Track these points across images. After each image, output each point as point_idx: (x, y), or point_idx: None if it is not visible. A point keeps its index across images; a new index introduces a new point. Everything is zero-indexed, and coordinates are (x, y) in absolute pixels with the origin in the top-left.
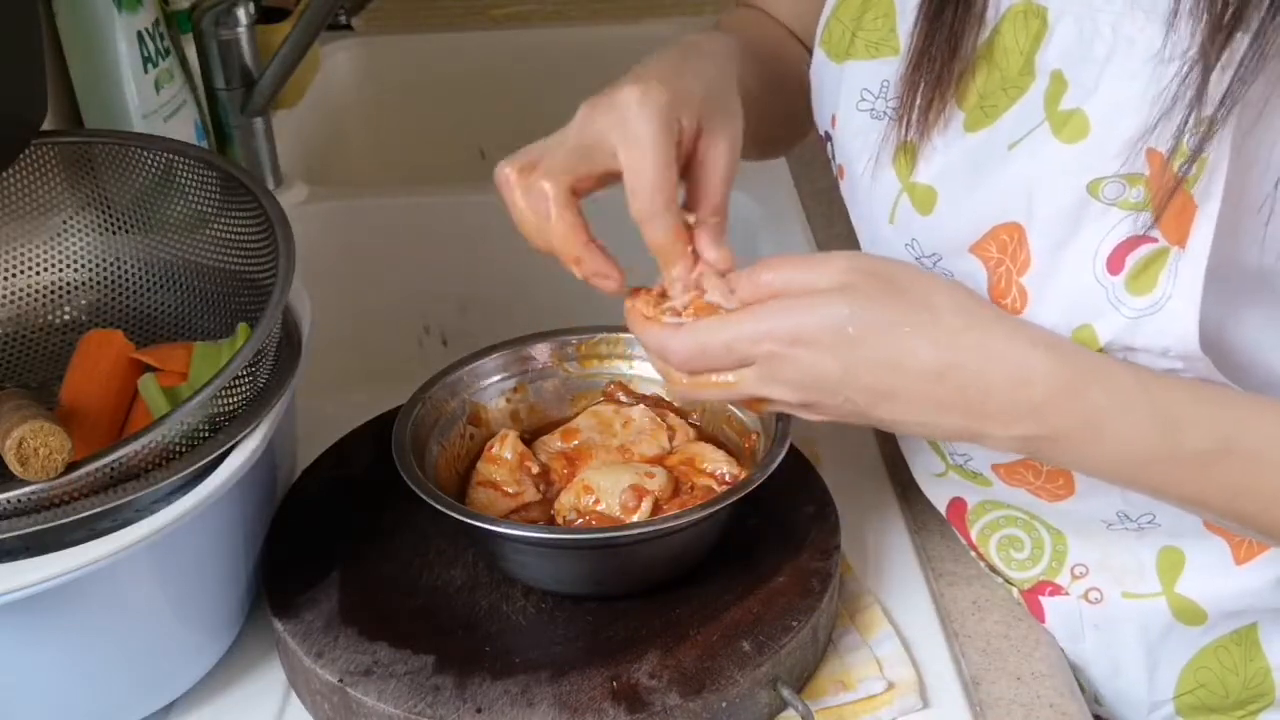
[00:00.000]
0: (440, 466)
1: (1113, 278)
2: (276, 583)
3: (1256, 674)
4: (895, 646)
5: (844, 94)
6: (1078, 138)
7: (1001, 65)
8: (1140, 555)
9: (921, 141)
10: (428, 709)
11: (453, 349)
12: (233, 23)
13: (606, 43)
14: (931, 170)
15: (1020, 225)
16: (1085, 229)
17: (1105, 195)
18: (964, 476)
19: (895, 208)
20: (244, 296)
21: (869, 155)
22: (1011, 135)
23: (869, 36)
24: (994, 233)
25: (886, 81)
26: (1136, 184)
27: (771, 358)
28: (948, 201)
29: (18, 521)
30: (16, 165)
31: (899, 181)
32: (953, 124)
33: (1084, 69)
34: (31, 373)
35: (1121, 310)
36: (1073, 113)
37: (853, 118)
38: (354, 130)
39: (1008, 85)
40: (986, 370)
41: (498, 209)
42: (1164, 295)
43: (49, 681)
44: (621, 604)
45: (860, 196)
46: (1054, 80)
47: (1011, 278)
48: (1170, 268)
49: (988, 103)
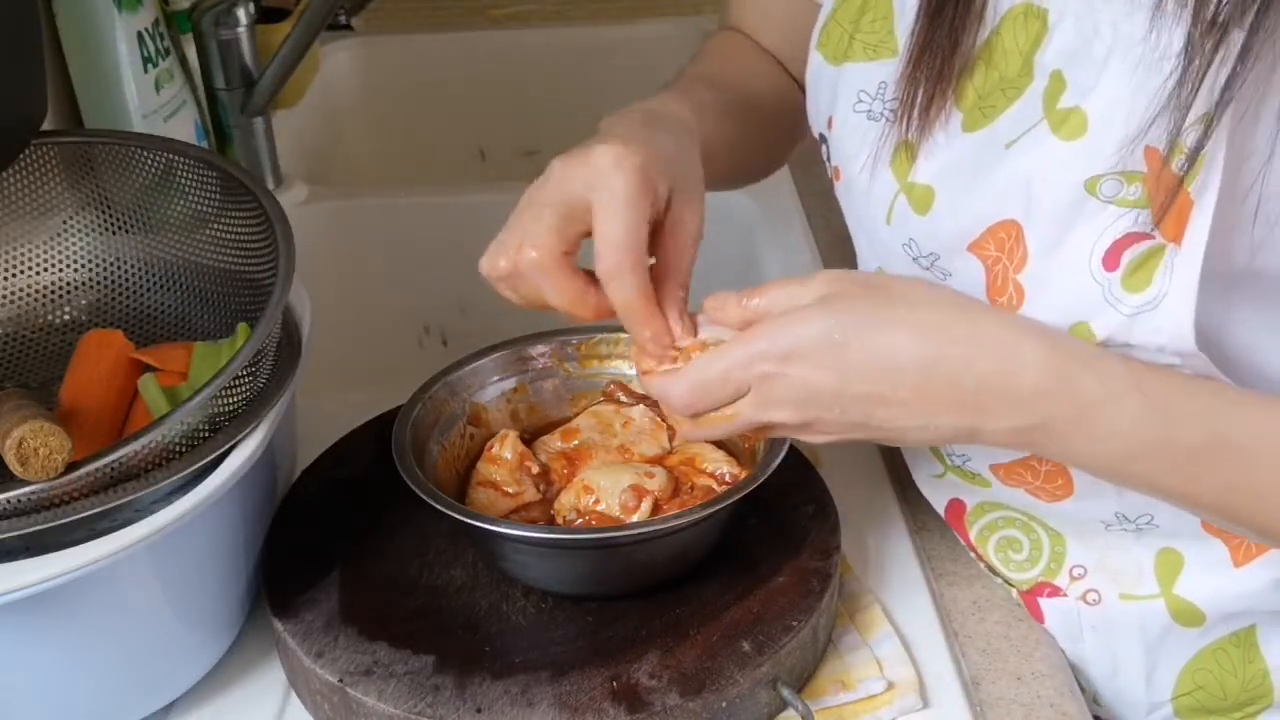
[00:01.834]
0: (440, 466)
1: (1109, 275)
2: (276, 583)
3: (1255, 676)
4: (895, 646)
5: (841, 96)
6: (1076, 135)
7: (1000, 66)
8: (1139, 557)
9: (920, 141)
10: (428, 709)
11: (453, 349)
12: (233, 23)
13: (606, 43)
14: (930, 170)
15: (1018, 222)
16: (1082, 226)
17: (1103, 192)
18: (962, 478)
19: (892, 208)
20: (244, 296)
21: (866, 156)
22: (1009, 134)
23: (867, 39)
24: (992, 231)
25: (884, 83)
26: (1134, 181)
27: (765, 379)
28: (946, 201)
29: (18, 521)
30: (16, 165)
31: (896, 182)
32: (951, 124)
33: (1083, 68)
34: (31, 373)
35: (1118, 307)
36: (1071, 111)
37: (849, 119)
38: (354, 130)
39: (1006, 86)
40: (976, 360)
41: (498, 209)
42: (1160, 292)
43: (49, 681)
44: (621, 604)
45: (856, 198)
46: (1053, 80)
47: (1008, 275)
48: (1166, 264)
49: (986, 103)
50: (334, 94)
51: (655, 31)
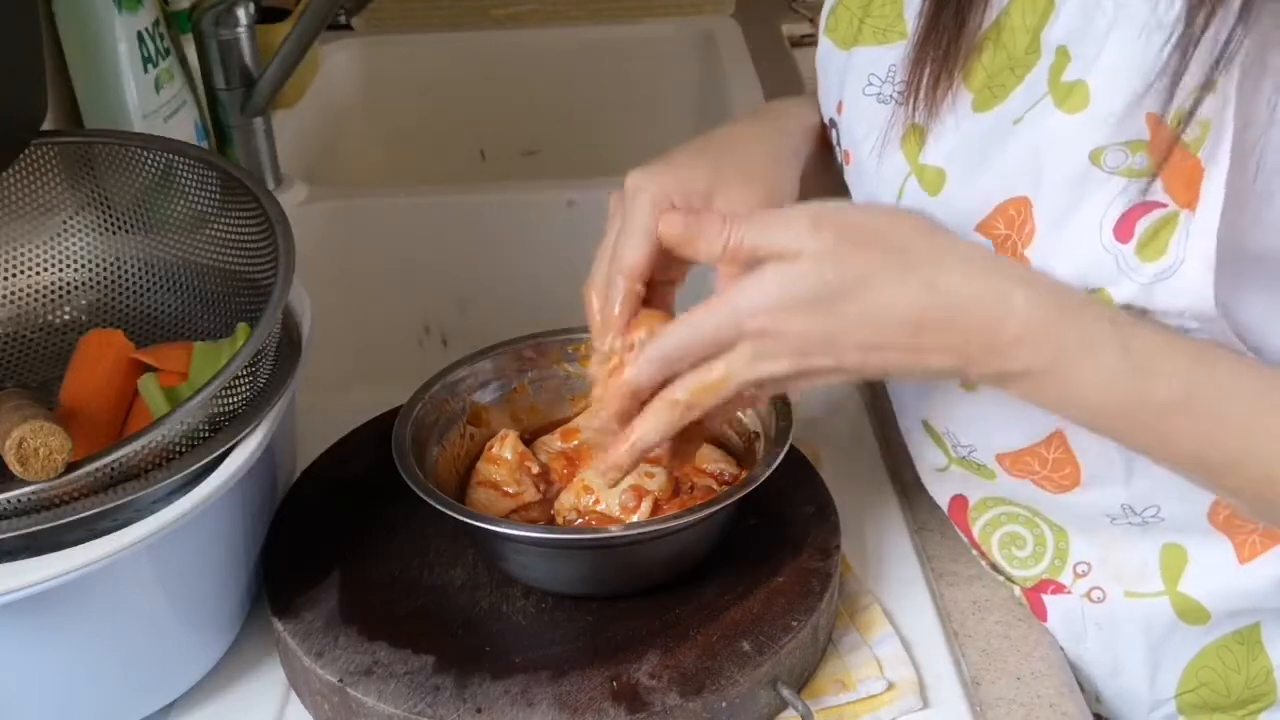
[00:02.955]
0: (440, 466)
1: (1122, 246)
2: (276, 583)
3: (1259, 673)
4: (895, 646)
5: (850, 80)
6: (1079, 108)
7: (1009, 45)
8: (1143, 553)
9: (930, 123)
10: (428, 709)
11: (453, 349)
12: (233, 23)
13: (606, 43)
14: (941, 151)
15: (1027, 198)
16: (1089, 199)
17: (1107, 163)
18: (967, 469)
19: (903, 190)
20: (244, 296)
21: (876, 139)
22: (1018, 112)
23: (877, 22)
24: (1001, 209)
25: (893, 66)
26: (1138, 150)
27: (764, 332)
28: (957, 181)
29: (18, 521)
30: (16, 165)
31: (907, 164)
32: (961, 105)
33: (1086, 42)
34: (31, 373)
35: (1133, 277)
36: (1074, 84)
37: (859, 102)
38: (354, 130)
39: (1015, 64)
40: (967, 309)
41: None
42: (1176, 260)
43: (49, 681)
44: (621, 604)
45: (866, 181)
46: (1059, 55)
47: (1017, 250)
48: (1181, 231)
49: (995, 82)
50: (334, 94)
51: (655, 31)
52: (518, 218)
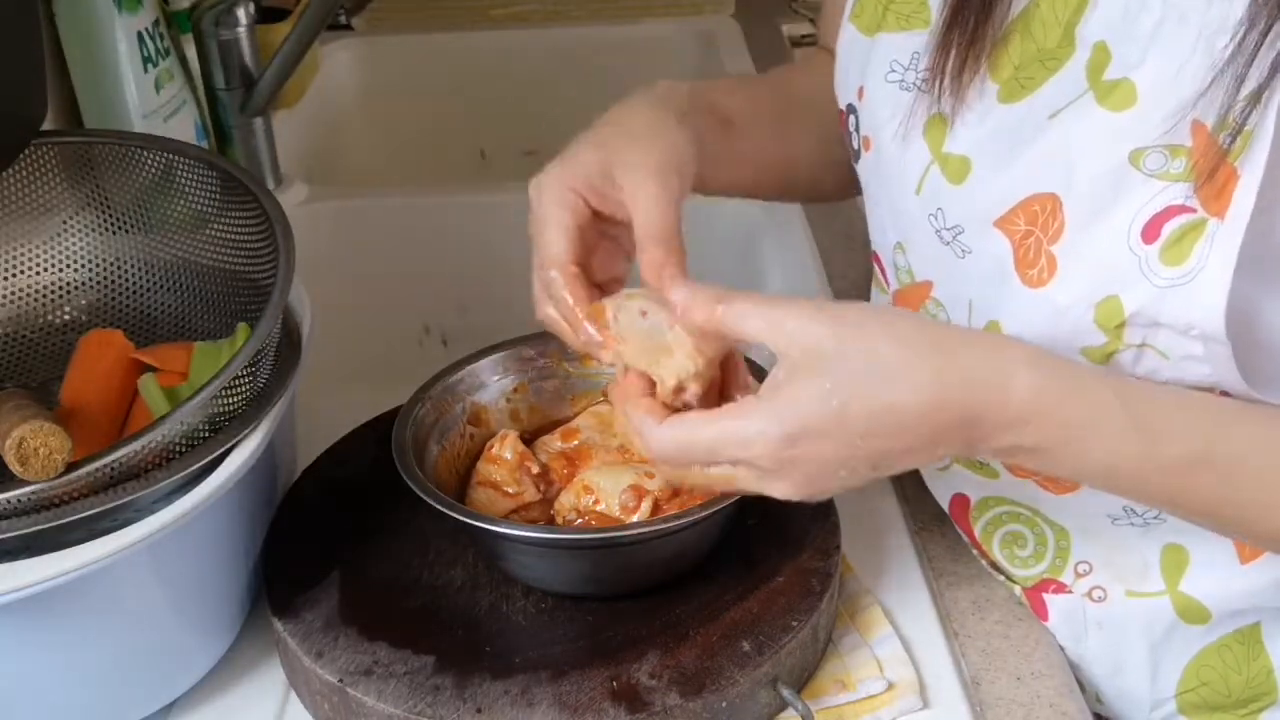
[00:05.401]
0: (440, 467)
1: (1146, 246)
2: (276, 583)
3: (1259, 673)
4: (895, 646)
5: (873, 66)
6: (1124, 106)
7: (1039, 37)
8: (1145, 553)
9: (955, 111)
10: (428, 709)
11: (453, 349)
12: (233, 23)
13: (606, 43)
14: (966, 141)
15: (1056, 195)
16: (1124, 199)
17: (1147, 166)
18: (969, 468)
19: (924, 178)
20: (244, 296)
21: (898, 125)
22: (1052, 105)
23: (901, 9)
24: (1025, 204)
25: (917, 53)
26: (1179, 155)
27: (767, 460)
28: (982, 172)
29: (18, 521)
30: (16, 165)
31: (930, 152)
32: (987, 95)
33: (1130, 40)
34: (31, 373)
35: (1152, 279)
36: (1119, 82)
37: (881, 89)
38: (354, 130)
39: (1045, 57)
40: (971, 400)
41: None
42: (1197, 266)
43: (49, 681)
44: (621, 604)
45: (886, 168)
46: (1096, 51)
47: (1041, 246)
48: (1207, 238)
49: (1023, 74)
50: (334, 94)
51: (655, 31)
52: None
